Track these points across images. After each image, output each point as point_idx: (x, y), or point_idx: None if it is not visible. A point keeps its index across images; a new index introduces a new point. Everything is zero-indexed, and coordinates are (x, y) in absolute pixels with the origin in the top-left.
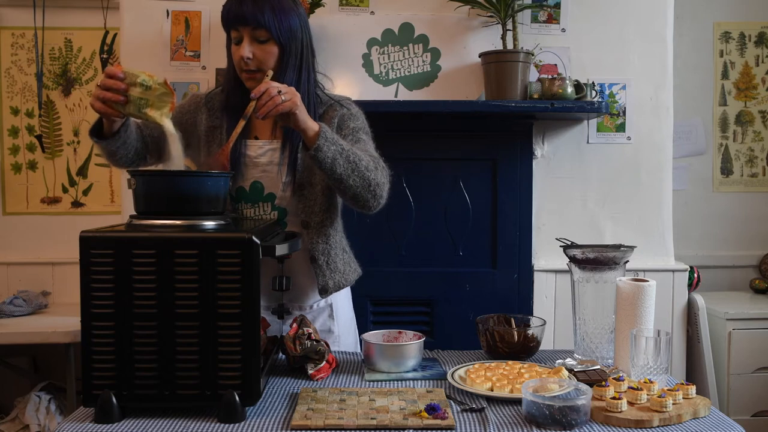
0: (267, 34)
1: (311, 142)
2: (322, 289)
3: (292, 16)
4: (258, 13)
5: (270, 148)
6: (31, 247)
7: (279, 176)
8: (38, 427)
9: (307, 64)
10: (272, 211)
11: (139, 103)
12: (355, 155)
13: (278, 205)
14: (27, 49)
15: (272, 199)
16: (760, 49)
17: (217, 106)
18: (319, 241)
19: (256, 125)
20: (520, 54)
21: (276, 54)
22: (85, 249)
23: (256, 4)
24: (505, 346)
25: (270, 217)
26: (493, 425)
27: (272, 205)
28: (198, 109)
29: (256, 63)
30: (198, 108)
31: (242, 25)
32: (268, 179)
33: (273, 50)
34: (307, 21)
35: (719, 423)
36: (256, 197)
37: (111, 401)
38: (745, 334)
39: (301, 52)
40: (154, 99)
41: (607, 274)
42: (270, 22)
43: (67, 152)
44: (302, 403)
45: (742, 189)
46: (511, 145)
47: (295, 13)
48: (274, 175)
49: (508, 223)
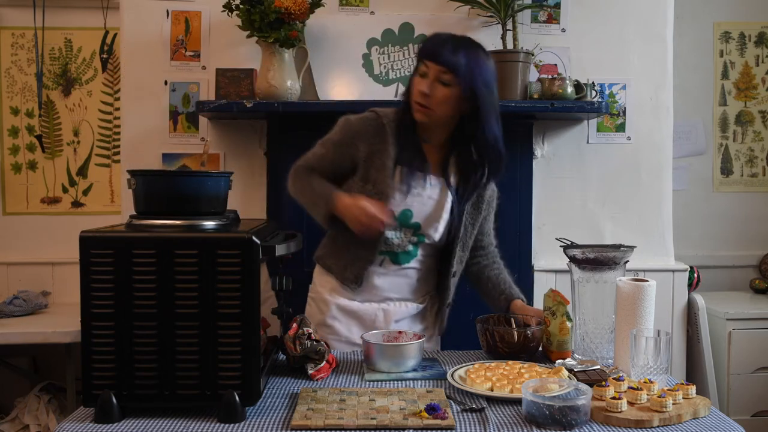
0: (454, 80)
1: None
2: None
3: (486, 69)
4: (454, 58)
5: (431, 184)
6: (31, 247)
7: (436, 212)
8: (38, 427)
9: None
10: (413, 237)
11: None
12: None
13: (421, 234)
14: (27, 49)
15: (417, 227)
16: (760, 49)
17: (374, 132)
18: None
19: (428, 159)
20: (520, 54)
21: (454, 100)
22: (85, 249)
23: (454, 50)
24: (505, 346)
25: (408, 241)
26: (493, 425)
27: (414, 232)
28: (356, 136)
29: (429, 101)
30: (356, 135)
31: (433, 62)
32: (420, 210)
33: (452, 96)
34: (496, 75)
35: (719, 423)
36: (402, 223)
37: (111, 401)
38: (745, 334)
39: (495, 105)
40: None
41: (607, 274)
42: (462, 70)
43: (67, 152)
44: (302, 403)
45: (742, 189)
46: (511, 145)
47: (487, 66)
48: (428, 208)
49: (508, 223)
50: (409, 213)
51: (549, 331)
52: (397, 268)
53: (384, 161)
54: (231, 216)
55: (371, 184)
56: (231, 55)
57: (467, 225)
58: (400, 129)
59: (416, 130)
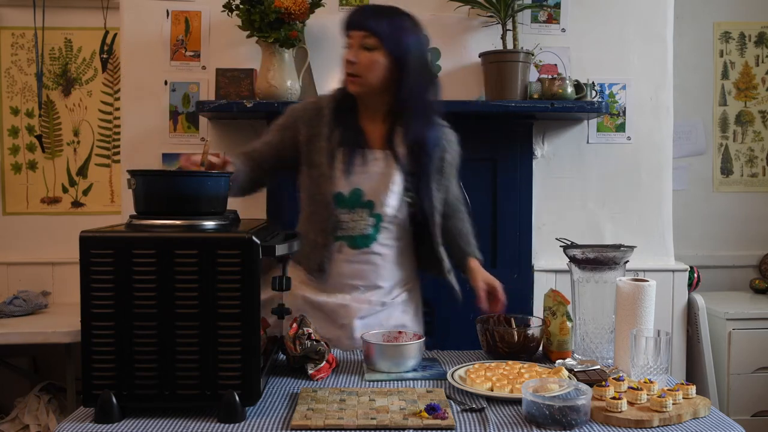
0: (377, 43)
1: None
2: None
3: (410, 35)
4: (372, 21)
5: (376, 158)
6: (31, 247)
7: (384, 186)
8: (38, 427)
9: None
10: (369, 217)
11: None
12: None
13: (377, 213)
14: (27, 49)
15: (371, 206)
16: (760, 49)
17: (314, 115)
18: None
19: (369, 135)
20: (520, 54)
21: (383, 64)
22: (85, 249)
23: (374, 15)
24: (505, 346)
25: (365, 223)
26: (493, 425)
27: (370, 212)
28: (296, 121)
29: (357, 69)
30: (296, 120)
31: (355, 30)
32: (370, 187)
33: (379, 60)
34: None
35: (719, 423)
36: (354, 203)
37: (111, 401)
38: (745, 334)
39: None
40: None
41: (607, 274)
42: (382, 32)
43: (67, 152)
44: (302, 403)
45: (742, 189)
46: (511, 145)
47: (413, 33)
48: (375, 183)
49: (508, 223)
50: (358, 191)
51: (549, 331)
52: (357, 253)
53: (323, 143)
54: (231, 216)
55: (315, 168)
56: (231, 55)
57: (436, 191)
58: (338, 109)
59: (356, 108)
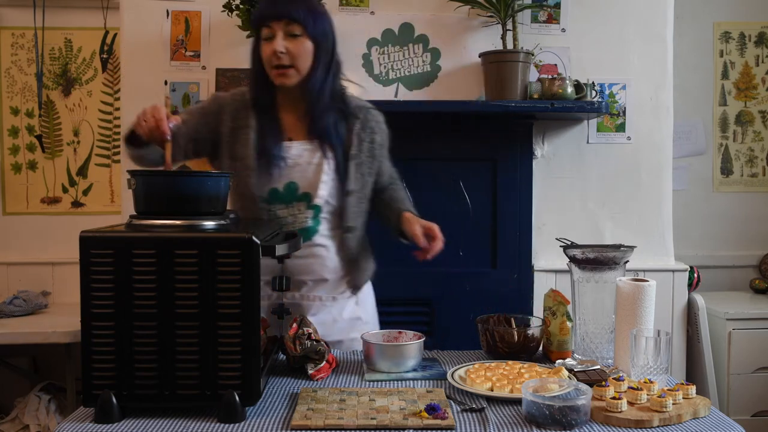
0: (301, 29)
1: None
2: (355, 288)
3: (324, 18)
4: (292, 8)
5: (305, 149)
6: (31, 247)
7: (316, 176)
8: (38, 427)
9: (336, 66)
10: (307, 210)
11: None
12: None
13: (315, 204)
14: (27, 49)
15: (308, 198)
16: (760, 49)
17: (241, 107)
18: (357, 243)
19: (289, 126)
20: (520, 54)
21: (310, 50)
22: (85, 249)
23: (291, 2)
24: (505, 346)
25: (304, 216)
26: (493, 425)
27: (308, 204)
28: (221, 108)
29: (289, 58)
30: (222, 107)
31: (275, 20)
32: (304, 179)
33: (307, 45)
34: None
35: (719, 423)
36: (290, 197)
37: (111, 401)
38: (745, 334)
39: (332, 53)
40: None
41: (607, 274)
42: (304, 17)
43: (67, 152)
44: (302, 403)
45: (742, 189)
46: (511, 145)
47: (325, 16)
48: (309, 174)
49: (508, 223)
50: (293, 185)
51: (549, 331)
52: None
53: (249, 136)
54: (231, 216)
55: (239, 161)
56: (231, 55)
57: (366, 175)
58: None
59: (275, 101)
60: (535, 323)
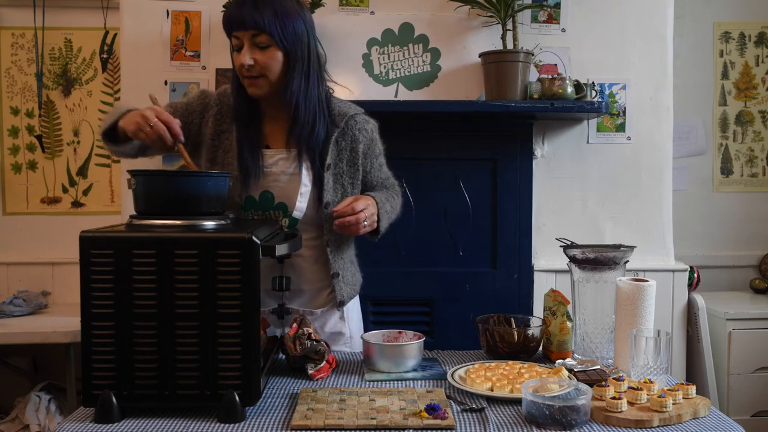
0: (268, 39)
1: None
2: (340, 303)
3: (297, 20)
4: (258, 17)
5: (282, 158)
6: (31, 247)
7: (292, 186)
8: (38, 427)
9: (315, 72)
10: (283, 219)
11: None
12: (393, 209)
13: (291, 215)
14: (27, 49)
15: (284, 208)
16: (760, 49)
17: (226, 110)
18: (341, 257)
19: (268, 134)
20: (520, 54)
21: (281, 60)
22: (85, 249)
23: (256, 8)
24: (505, 346)
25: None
26: (493, 425)
27: (284, 214)
28: (207, 108)
29: (258, 69)
30: (207, 107)
31: (241, 30)
32: (280, 189)
33: (276, 56)
34: (313, 25)
35: (719, 423)
36: (266, 206)
37: (111, 401)
38: (745, 334)
39: (308, 59)
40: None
41: (607, 274)
42: (271, 27)
43: (67, 152)
44: (302, 403)
45: (742, 189)
46: (511, 145)
47: (299, 16)
48: (285, 184)
49: (508, 223)
50: (269, 194)
51: (549, 331)
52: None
53: (232, 143)
54: (231, 216)
55: (219, 166)
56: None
57: (347, 186)
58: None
59: (258, 108)
60: (535, 323)
